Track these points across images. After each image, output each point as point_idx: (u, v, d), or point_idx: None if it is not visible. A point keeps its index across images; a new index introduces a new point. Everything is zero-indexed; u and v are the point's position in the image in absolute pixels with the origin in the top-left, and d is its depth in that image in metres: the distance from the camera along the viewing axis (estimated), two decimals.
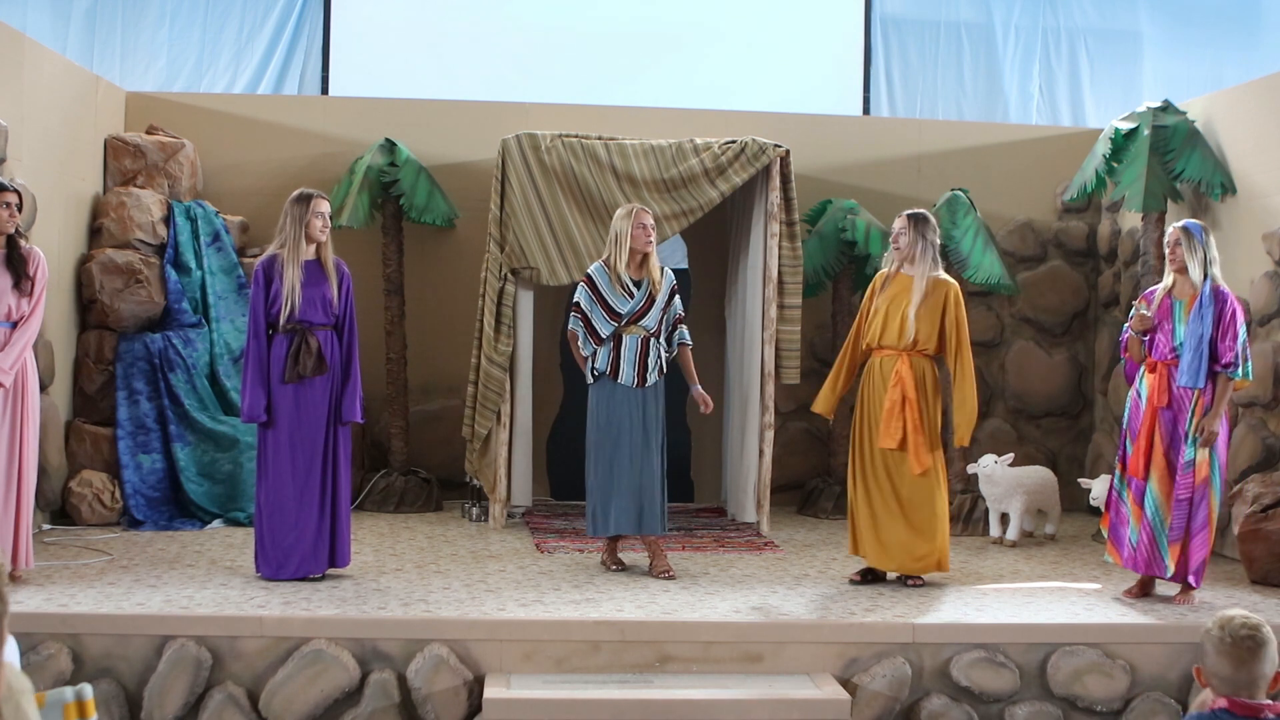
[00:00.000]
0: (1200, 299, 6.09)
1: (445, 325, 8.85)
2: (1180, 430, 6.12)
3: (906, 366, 6.35)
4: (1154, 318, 6.24)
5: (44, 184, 7.41)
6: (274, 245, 6.28)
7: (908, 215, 6.46)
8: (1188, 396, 6.11)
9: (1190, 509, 6.07)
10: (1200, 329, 6.06)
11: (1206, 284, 6.11)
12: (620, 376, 6.59)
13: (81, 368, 8.01)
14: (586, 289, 6.62)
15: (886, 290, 6.47)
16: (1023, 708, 5.55)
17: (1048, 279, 9.25)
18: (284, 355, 6.15)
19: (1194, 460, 6.05)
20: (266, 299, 6.17)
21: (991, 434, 9.13)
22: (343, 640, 5.43)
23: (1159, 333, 6.23)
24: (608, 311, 6.57)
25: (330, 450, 6.26)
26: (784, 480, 8.72)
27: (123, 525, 7.63)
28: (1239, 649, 3.30)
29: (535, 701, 5.14)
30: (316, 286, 6.21)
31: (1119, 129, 8.01)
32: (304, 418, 6.20)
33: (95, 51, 9.58)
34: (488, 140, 8.42)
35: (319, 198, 6.28)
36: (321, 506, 6.24)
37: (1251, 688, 3.33)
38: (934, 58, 10.25)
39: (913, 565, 6.39)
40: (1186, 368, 6.07)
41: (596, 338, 6.60)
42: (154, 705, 5.29)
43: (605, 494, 6.62)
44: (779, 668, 5.51)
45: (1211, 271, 6.13)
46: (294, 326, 6.15)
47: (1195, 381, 6.05)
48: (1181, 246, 6.18)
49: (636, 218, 6.55)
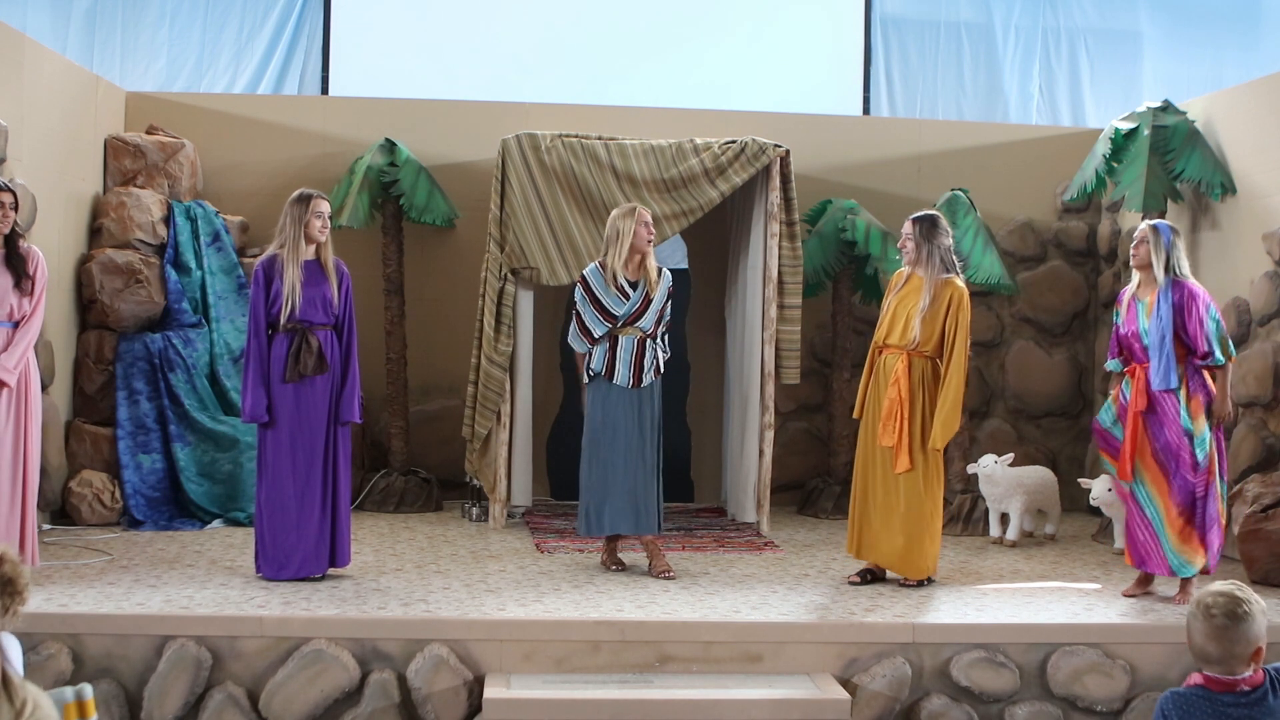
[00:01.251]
0: (1158, 297, 6.06)
1: (445, 325, 8.85)
2: (1168, 431, 6.09)
3: (904, 366, 6.36)
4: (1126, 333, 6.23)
5: (44, 184, 7.41)
6: (274, 245, 6.28)
7: (913, 220, 6.46)
8: (1167, 398, 6.08)
9: (1207, 505, 6.06)
10: (1161, 329, 6.03)
11: (1165, 279, 6.07)
12: (616, 377, 6.60)
13: (81, 368, 8.01)
14: (582, 290, 6.63)
15: (900, 289, 6.50)
16: (1023, 708, 5.55)
17: (1048, 279, 9.25)
18: (284, 355, 6.16)
19: (1200, 457, 6.03)
20: (266, 299, 6.17)
21: (991, 434, 9.13)
22: (343, 640, 5.43)
23: (1130, 335, 6.21)
24: (602, 313, 6.58)
25: (330, 450, 6.27)
26: (784, 480, 8.72)
27: (123, 525, 7.63)
28: (1215, 624, 3.30)
29: (535, 701, 5.14)
30: (316, 286, 6.22)
31: (1119, 129, 8.01)
32: (304, 418, 6.20)
33: (95, 51, 9.58)
34: (488, 140, 8.42)
35: (318, 198, 6.28)
36: (323, 506, 6.24)
37: (1231, 662, 3.32)
38: (934, 58, 10.24)
39: (899, 565, 6.42)
40: (1155, 370, 6.05)
41: (591, 338, 6.61)
42: (154, 705, 5.29)
43: (600, 494, 6.63)
44: (779, 668, 5.51)
45: (1180, 271, 6.10)
46: (294, 326, 6.16)
47: (1167, 383, 6.02)
48: (1147, 244, 6.16)
49: (639, 217, 6.56)
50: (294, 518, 6.19)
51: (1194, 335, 6.02)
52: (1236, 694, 3.34)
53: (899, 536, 6.39)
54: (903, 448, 6.33)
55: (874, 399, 6.49)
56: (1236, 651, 3.31)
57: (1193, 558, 6.09)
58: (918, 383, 6.37)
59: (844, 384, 8.76)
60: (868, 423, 6.52)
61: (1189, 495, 6.06)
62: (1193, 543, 6.07)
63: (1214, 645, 3.32)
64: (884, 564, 6.49)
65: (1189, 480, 6.04)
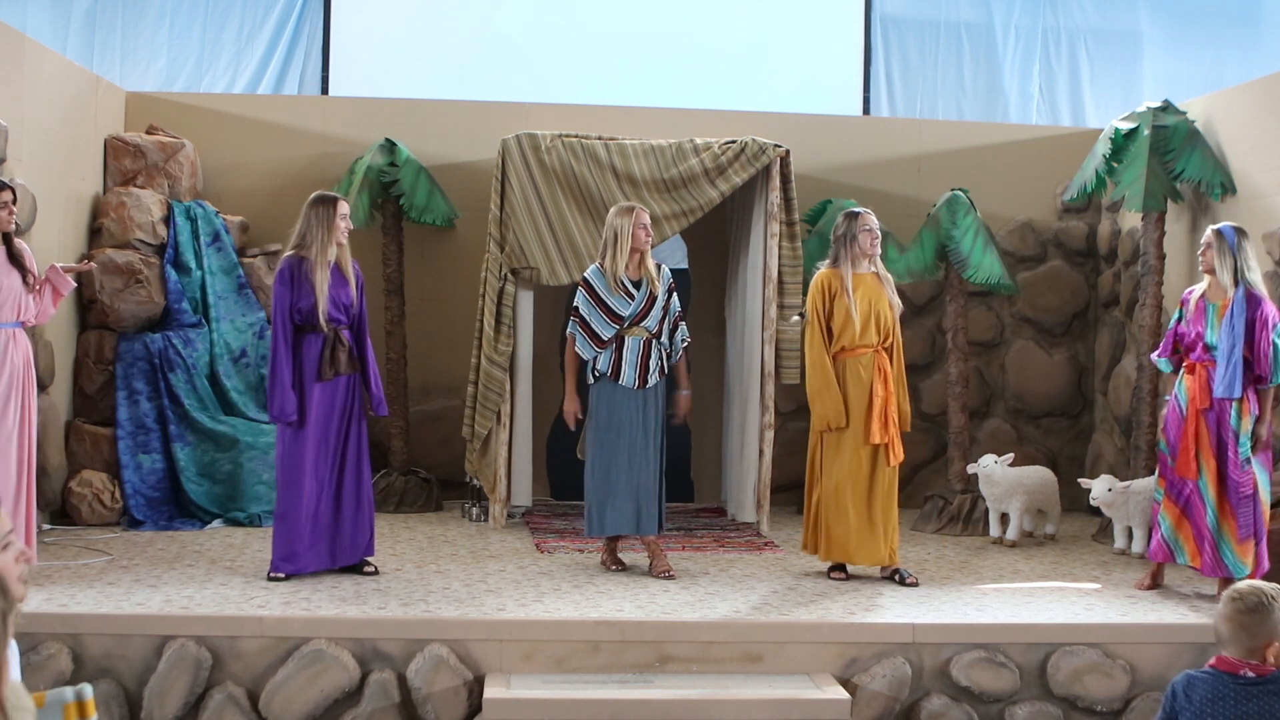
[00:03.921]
0: (1232, 307, 6.05)
1: (445, 325, 8.85)
2: (1227, 431, 6.10)
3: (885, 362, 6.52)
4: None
5: (44, 184, 7.41)
6: (292, 246, 6.34)
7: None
8: (1228, 405, 6.09)
9: (1254, 504, 6.06)
10: (1232, 339, 6.03)
11: (1239, 291, 6.05)
12: (621, 378, 6.59)
13: (81, 368, 8.01)
14: (585, 294, 6.62)
15: (855, 291, 6.54)
16: (1023, 708, 5.55)
17: (1048, 279, 9.25)
18: (316, 355, 6.29)
19: (1249, 458, 6.05)
20: (292, 300, 6.24)
21: (991, 434, 9.13)
22: (343, 640, 5.43)
23: (1195, 335, 6.22)
24: (609, 315, 6.57)
25: (354, 445, 6.43)
26: (784, 480, 8.71)
27: (123, 525, 7.63)
28: (1236, 608, 3.52)
29: (535, 701, 5.14)
30: (339, 287, 6.35)
31: (1119, 129, 8.01)
32: (327, 415, 6.35)
33: (95, 51, 9.58)
34: (488, 140, 8.42)
35: (341, 200, 6.41)
36: (340, 501, 6.37)
37: (1240, 646, 3.53)
38: (934, 58, 10.24)
39: (892, 558, 6.49)
40: (1221, 379, 6.06)
41: (599, 341, 6.60)
42: (154, 705, 5.29)
43: (603, 494, 6.63)
44: (779, 668, 5.51)
45: (1248, 278, 6.07)
46: (324, 327, 6.27)
47: (1231, 393, 6.03)
48: (1212, 249, 6.16)
49: (637, 217, 6.55)
50: (312, 513, 6.30)
51: (1262, 355, 6.02)
52: (1241, 678, 3.52)
53: (893, 532, 6.49)
54: (896, 439, 6.45)
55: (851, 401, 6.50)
56: (1249, 639, 3.50)
57: (1245, 559, 6.08)
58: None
59: None
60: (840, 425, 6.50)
61: (1237, 494, 6.07)
62: (1246, 545, 6.07)
63: (1228, 628, 3.54)
64: (873, 562, 6.51)
65: (1236, 479, 6.06)
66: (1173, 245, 7.94)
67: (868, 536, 6.45)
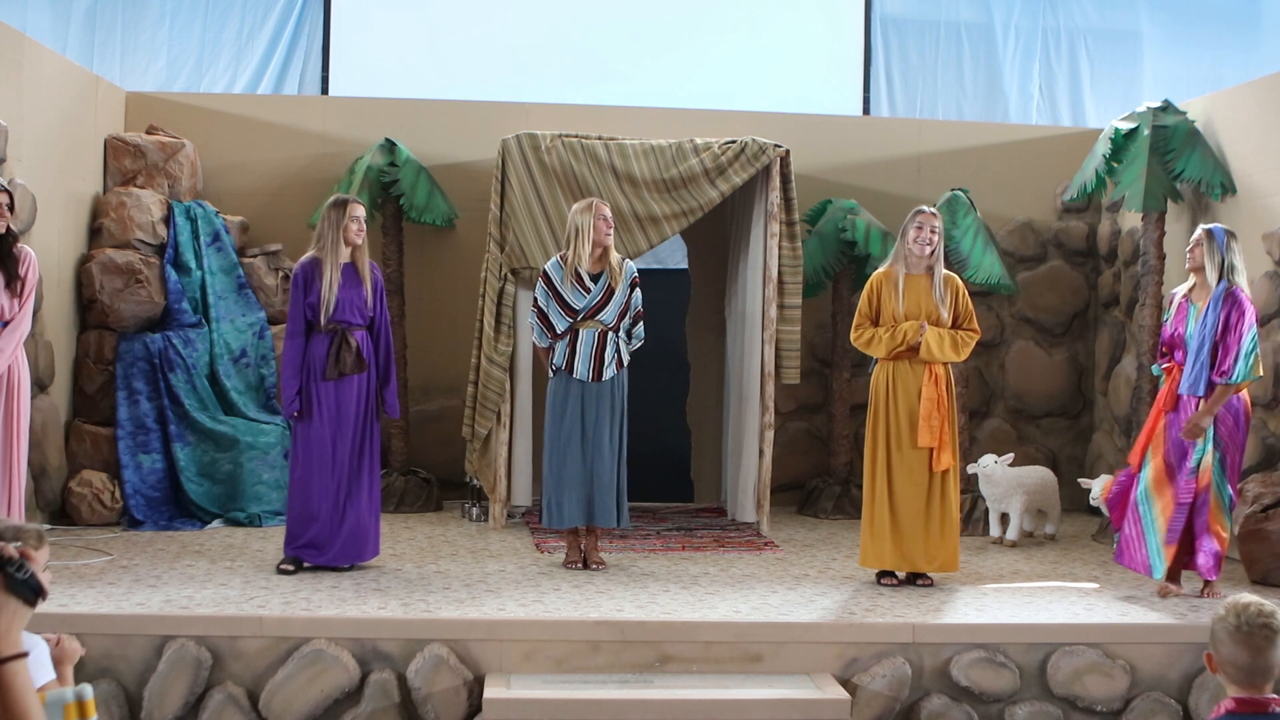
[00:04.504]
0: (1209, 303, 6.05)
1: (445, 325, 8.85)
2: (1181, 431, 6.11)
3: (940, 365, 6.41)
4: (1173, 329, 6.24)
5: (44, 184, 7.40)
6: (312, 249, 6.50)
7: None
8: (1191, 402, 6.08)
9: (1190, 513, 6.06)
10: (1203, 334, 6.02)
11: (1219, 288, 6.04)
12: (575, 371, 6.63)
13: (81, 368, 8.01)
14: (543, 284, 6.70)
15: (902, 290, 6.47)
16: (1023, 708, 5.55)
17: (1048, 279, 9.25)
18: (324, 354, 6.39)
19: (1198, 466, 6.03)
20: (304, 300, 6.37)
21: (991, 434, 9.14)
22: (343, 640, 5.43)
23: (1176, 336, 6.22)
24: (563, 307, 6.64)
25: (366, 445, 6.51)
26: (784, 480, 8.72)
27: (123, 525, 7.63)
28: (1255, 637, 3.17)
29: (535, 701, 5.14)
30: (352, 289, 6.44)
31: (1119, 129, 8.01)
32: (340, 414, 6.43)
33: (95, 51, 9.58)
34: (488, 140, 8.42)
35: (354, 203, 6.52)
36: (352, 499, 6.44)
37: (1265, 675, 3.20)
38: (934, 58, 10.24)
39: (951, 563, 6.40)
40: (1187, 374, 6.05)
41: (553, 332, 6.66)
42: (154, 705, 5.29)
43: (558, 487, 6.68)
44: (779, 668, 5.51)
45: (1232, 278, 6.05)
46: (333, 327, 6.39)
47: (1195, 389, 6.02)
48: (1201, 247, 6.14)
49: (597, 210, 6.64)
50: (322, 509, 6.38)
51: (1226, 349, 5.97)
52: (1269, 715, 3.18)
53: (952, 537, 6.37)
54: (945, 445, 6.33)
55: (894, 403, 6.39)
56: (1266, 665, 3.18)
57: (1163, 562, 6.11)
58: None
59: (844, 384, 8.76)
60: (883, 430, 6.39)
61: (1176, 499, 6.06)
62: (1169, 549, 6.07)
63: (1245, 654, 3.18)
64: (931, 569, 6.39)
65: (1181, 484, 6.06)
66: (1173, 245, 7.94)
67: (926, 542, 6.34)
